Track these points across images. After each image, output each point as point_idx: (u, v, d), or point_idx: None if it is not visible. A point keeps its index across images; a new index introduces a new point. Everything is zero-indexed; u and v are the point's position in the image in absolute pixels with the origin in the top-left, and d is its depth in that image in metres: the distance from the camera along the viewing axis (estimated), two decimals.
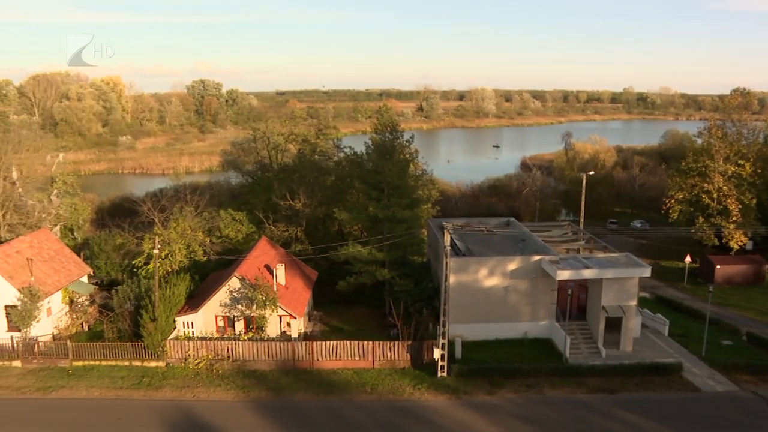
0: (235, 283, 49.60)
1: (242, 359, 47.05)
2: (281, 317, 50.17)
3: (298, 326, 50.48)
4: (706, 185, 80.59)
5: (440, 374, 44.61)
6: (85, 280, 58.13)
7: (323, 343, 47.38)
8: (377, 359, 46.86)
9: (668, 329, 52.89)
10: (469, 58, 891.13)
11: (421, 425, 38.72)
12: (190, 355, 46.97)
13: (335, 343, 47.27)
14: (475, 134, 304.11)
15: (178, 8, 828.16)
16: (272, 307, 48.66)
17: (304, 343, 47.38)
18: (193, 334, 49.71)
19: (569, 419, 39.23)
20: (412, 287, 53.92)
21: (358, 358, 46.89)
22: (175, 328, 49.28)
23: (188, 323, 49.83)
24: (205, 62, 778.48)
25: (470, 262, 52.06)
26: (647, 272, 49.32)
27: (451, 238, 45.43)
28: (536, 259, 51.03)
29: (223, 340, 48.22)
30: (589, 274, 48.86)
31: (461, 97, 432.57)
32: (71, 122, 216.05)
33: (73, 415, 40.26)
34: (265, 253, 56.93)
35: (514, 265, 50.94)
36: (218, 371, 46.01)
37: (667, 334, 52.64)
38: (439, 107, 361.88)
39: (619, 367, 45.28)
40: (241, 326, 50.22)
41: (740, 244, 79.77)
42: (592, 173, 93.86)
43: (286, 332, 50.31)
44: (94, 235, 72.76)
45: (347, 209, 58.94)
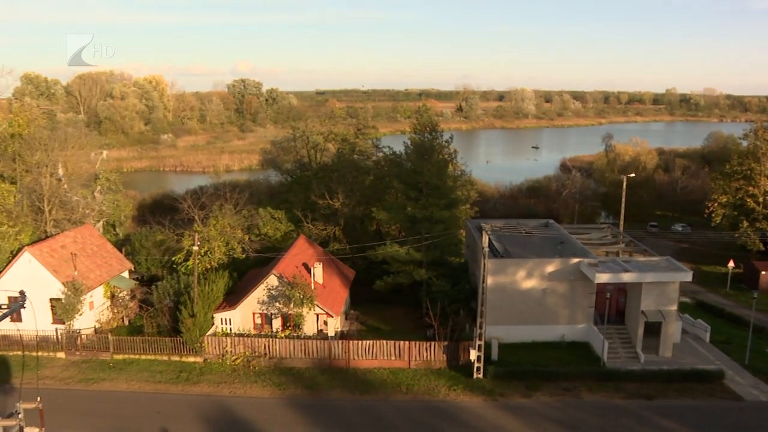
0: (272, 280, 50.02)
1: (279, 356, 47.46)
2: (318, 315, 50.47)
3: (334, 325, 50.71)
4: (751, 189, 78.73)
5: (476, 376, 44.42)
6: (126, 275, 59.34)
7: (359, 342, 47.54)
8: (413, 359, 46.85)
9: (709, 335, 51.70)
10: (508, 58, 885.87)
11: (456, 426, 38.66)
12: (227, 351, 47.58)
13: (371, 342, 47.39)
14: (514, 135, 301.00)
15: (220, 8, 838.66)
16: (309, 305, 48.94)
17: (340, 341, 47.62)
18: (230, 330, 50.30)
19: (606, 424, 38.75)
20: (449, 288, 53.81)
21: (394, 357, 46.93)
22: (213, 324, 49.90)
23: (226, 320, 50.44)
24: (245, 62, 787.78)
25: (508, 263, 51.76)
26: (688, 277, 48.36)
27: (489, 239, 45.20)
28: (575, 261, 50.52)
29: (260, 337, 48.64)
30: (628, 277, 48.25)
31: (501, 97, 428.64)
32: (115, 120, 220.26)
33: (113, 406, 41.22)
34: (303, 251, 57.33)
35: (552, 267, 50.51)
36: (255, 368, 46.55)
37: (708, 340, 51.50)
38: (478, 107, 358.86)
39: (657, 372, 44.49)
40: (278, 324, 50.65)
41: None
42: (632, 175, 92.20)
43: (322, 330, 50.61)
44: (135, 231, 74.01)
45: (385, 209, 59.01)
